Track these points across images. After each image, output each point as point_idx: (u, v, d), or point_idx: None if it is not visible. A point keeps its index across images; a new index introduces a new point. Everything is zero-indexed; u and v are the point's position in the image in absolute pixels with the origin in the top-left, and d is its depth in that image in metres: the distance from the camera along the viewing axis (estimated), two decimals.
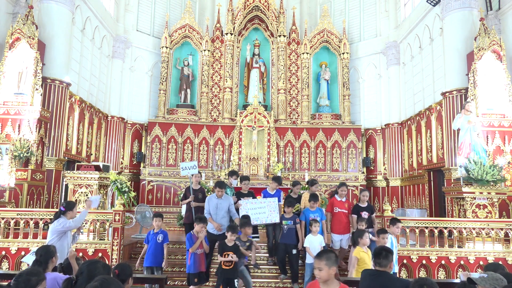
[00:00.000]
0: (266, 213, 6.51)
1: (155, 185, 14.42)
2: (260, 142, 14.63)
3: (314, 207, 6.82)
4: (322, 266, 2.90)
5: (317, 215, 6.69)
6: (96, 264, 2.70)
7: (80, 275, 2.70)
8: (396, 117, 14.92)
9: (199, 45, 15.80)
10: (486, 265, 3.70)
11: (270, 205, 6.57)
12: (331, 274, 2.90)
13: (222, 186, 7.11)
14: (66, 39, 10.96)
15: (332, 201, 7.18)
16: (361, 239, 5.16)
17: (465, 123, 9.06)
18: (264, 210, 6.53)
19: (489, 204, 7.91)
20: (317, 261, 2.94)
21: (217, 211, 6.28)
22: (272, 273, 7.22)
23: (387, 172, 15.05)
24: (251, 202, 6.66)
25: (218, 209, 6.27)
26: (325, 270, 2.88)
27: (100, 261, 2.78)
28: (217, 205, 6.29)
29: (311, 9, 17.39)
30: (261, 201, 6.69)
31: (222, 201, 6.32)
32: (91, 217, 7.08)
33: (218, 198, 6.30)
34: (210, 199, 6.36)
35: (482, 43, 10.00)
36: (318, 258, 2.97)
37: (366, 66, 16.06)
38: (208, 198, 6.41)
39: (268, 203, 6.59)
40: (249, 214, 6.37)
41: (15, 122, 9.51)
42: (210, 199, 6.36)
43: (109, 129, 14.37)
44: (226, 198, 6.41)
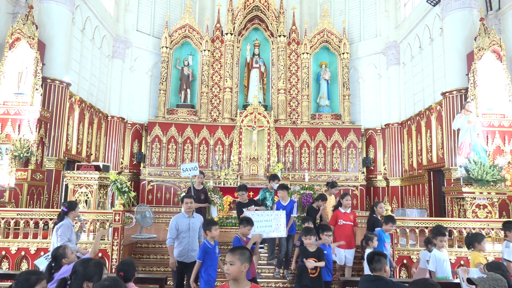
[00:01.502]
0: (273, 227, 6.01)
1: (155, 185, 14.42)
2: (260, 142, 14.63)
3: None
4: (234, 260, 2.67)
5: None
6: (88, 263, 2.71)
7: (73, 274, 2.70)
8: (396, 117, 14.92)
9: (199, 45, 15.80)
10: (486, 264, 3.70)
11: (277, 218, 6.05)
12: (242, 271, 2.67)
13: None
14: (66, 39, 10.96)
15: (336, 214, 6.66)
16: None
17: (465, 123, 9.07)
18: (270, 223, 6.03)
19: (489, 204, 7.91)
20: (230, 255, 2.72)
21: (189, 232, 5.23)
22: (272, 273, 7.21)
23: (387, 172, 15.05)
24: (257, 214, 6.15)
25: (191, 230, 5.26)
26: (236, 266, 2.65)
27: (92, 259, 2.78)
28: (190, 225, 5.26)
29: (311, 9, 17.39)
30: (268, 213, 6.22)
31: (195, 220, 5.35)
32: (91, 217, 7.08)
33: (189, 217, 5.32)
34: (179, 218, 5.30)
35: (482, 43, 10.00)
36: (232, 252, 2.75)
37: (366, 66, 16.06)
38: (176, 217, 5.34)
39: (276, 216, 6.08)
40: (254, 227, 5.68)
41: (15, 122, 9.51)
42: (179, 218, 5.30)
43: (109, 129, 14.37)
44: (198, 217, 5.47)
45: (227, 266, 2.69)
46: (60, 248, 3.63)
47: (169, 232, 5.25)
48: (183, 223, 5.25)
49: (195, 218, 5.37)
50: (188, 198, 5.35)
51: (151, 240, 8.23)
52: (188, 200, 5.31)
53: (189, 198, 5.36)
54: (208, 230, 4.87)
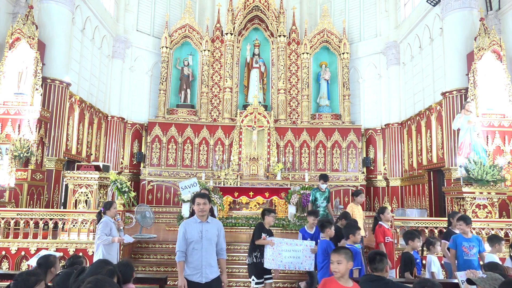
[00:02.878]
0: (301, 258, 5.37)
1: (155, 185, 14.42)
2: (260, 142, 14.64)
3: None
4: (341, 259, 2.91)
5: None
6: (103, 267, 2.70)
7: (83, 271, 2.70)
8: (396, 117, 14.92)
9: (199, 45, 15.80)
10: (484, 264, 3.71)
11: (306, 249, 5.36)
12: (348, 268, 2.93)
13: (326, 178, 6.57)
14: (66, 39, 10.96)
15: (383, 230, 5.87)
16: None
17: (465, 123, 9.06)
18: (299, 254, 5.37)
19: (489, 204, 7.90)
20: (336, 254, 2.97)
21: (202, 243, 3.94)
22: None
23: (387, 172, 15.05)
24: (286, 242, 5.45)
25: (205, 239, 3.96)
26: (343, 264, 2.90)
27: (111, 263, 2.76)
28: (202, 233, 3.97)
29: (311, 9, 17.40)
30: (298, 243, 5.51)
31: (210, 226, 4.02)
32: (91, 217, 7.08)
33: (202, 223, 4.00)
34: (188, 224, 4.03)
35: (482, 43, 9.99)
36: (337, 252, 3.00)
37: (366, 66, 16.06)
38: (184, 223, 4.09)
39: (305, 247, 5.39)
40: (281, 256, 5.33)
41: (15, 122, 9.51)
42: (188, 224, 4.03)
43: (109, 129, 14.37)
44: (214, 222, 4.15)
45: (335, 265, 2.93)
46: (51, 256, 3.61)
47: (177, 243, 3.99)
48: (193, 230, 3.94)
49: (210, 223, 4.01)
50: (200, 197, 4.03)
51: (151, 240, 8.24)
52: (200, 200, 3.98)
53: (202, 197, 4.03)
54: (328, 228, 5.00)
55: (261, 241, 5.38)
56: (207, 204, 4.01)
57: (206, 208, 3.98)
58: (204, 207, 3.97)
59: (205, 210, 3.98)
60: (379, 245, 5.74)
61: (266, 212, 5.62)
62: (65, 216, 7.20)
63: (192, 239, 3.92)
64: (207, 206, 4.01)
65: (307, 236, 5.91)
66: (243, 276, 7.08)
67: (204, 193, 4.40)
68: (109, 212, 5.65)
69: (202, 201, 3.99)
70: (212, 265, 3.94)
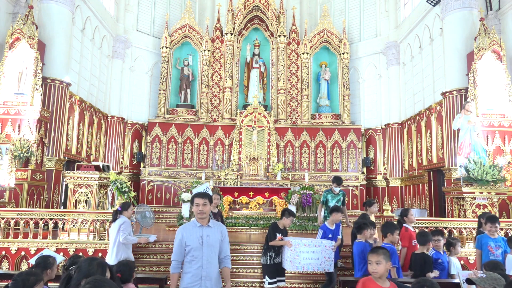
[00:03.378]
0: (320, 259, 5.11)
1: (155, 185, 14.42)
2: (260, 142, 14.64)
3: None
4: (380, 259, 2.91)
5: None
6: (93, 261, 2.71)
7: (77, 269, 2.71)
8: (396, 117, 14.92)
9: (199, 45, 15.80)
10: (484, 263, 3.70)
11: (325, 250, 5.13)
12: (387, 269, 2.93)
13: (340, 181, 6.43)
14: (66, 39, 10.96)
15: (410, 234, 5.50)
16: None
17: (465, 123, 9.07)
18: (318, 255, 5.11)
19: (489, 204, 7.91)
20: (375, 255, 2.97)
21: (202, 250, 3.42)
22: None
23: (387, 172, 15.05)
24: (303, 243, 5.18)
25: (206, 246, 3.44)
26: (383, 264, 2.90)
27: (98, 258, 2.78)
28: (203, 239, 3.45)
29: (311, 9, 17.40)
30: (316, 243, 5.25)
31: (212, 231, 3.52)
32: (91, 217, 7.08)
33: (203, 226, 3.51)
34: (186, 229, 3.53)
35: (482, 43, 10.00)
36: (375, 252, 3.00)
37: (366, 66, 16.06)
38: (182, 228, 3.57)
39: (324, 248, 5.14)
40: (299, 258, 5.13)
41: (15, 122, 9.51)
42: (187, 229, 3.53)
43: (109, 129, 14.37)
44: (217, 225, 3.62)
45: (373, 265, 2.93)
46: (50, 258, 3.61)
47: (173, 252, 3.48)
48: (192, 235, 3.42)
49: (211, 227, 3.49)
50: (200, 197, 3.49)
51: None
52: (200, 201, 3.46)
53: (202, 197, 3.50)
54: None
55: (277, 241, 5.21)
56: (208, 205, 3.48)
57: (206, 209, 3.46)
58: (204, 208, 3.44)
59: (206, 212, 3.46)
60: (402, 249, 5.39)
61: (286, 213, 5.42)
62: (65, 216, 7.20)
63: (191, 246, 3.40)
64: (208, 208, 3.48)
65: (328, 232, 5.73)
66: (243, 276, 7.09)
67: (205, 192, 3.81)
68: (126, 212, 5.84)
69: (202, 201, 3.45)
70: (213, 277, 3.40)
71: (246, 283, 6.91)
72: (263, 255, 5.49)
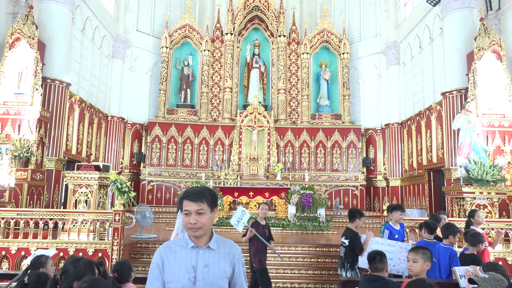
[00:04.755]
0: (393, 260, 4.72)
1: (155, 185, 14.42)
2: (260, 142, 14.64)
3: None
4: (417, 258, 2.95)
5: None
6: (78, 262, 2.72)
7: (64, 273, 2.71)
8: (396, 117, 14.92)
9: (199, 45, 15.80)
10: (484, 264, 3.69)
11: (399, 252, 4.68)
12: (424, 269, 2.95)
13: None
14: (66, 39, 10.96)
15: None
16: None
17: (465, 123, 9.07)
18: (391, 255, 4.67)
19: (489, 204, 7.91)
20: (413, 253, 3.02)
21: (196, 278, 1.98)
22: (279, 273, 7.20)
23: (387, 172, 15.06)
24: (376, 241, 4.85)
25: (199, 280, 1.97)
26: (419, 263, 2.94)
27: (83, 258, 2.79)
28: (196, 270, 1.99)
29: (311, 9, 17.40)
30: (390, 243, 4.86)
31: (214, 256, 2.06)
32: (91, 217, 7.08)
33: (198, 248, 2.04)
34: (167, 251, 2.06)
35: (482, 43, 9.99)
36: (414, 250, 3.04)
37: (366, 66, 16.06)
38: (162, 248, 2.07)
39: (399, 249, 4.72)
40: None
41: (15, 122, 9.50)
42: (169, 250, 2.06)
43: (109, 129, 14.37)
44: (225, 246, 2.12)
45: (410, 263, 2.98)
46: (42, 257, 3.62)
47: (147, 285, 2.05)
48: (178, 264, 2.03)
49: (215, 251, 2.08)
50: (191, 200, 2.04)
51: (151, 240, 8.23)
52: (192, 206, 2.03)
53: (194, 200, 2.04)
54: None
55: (365, 243, 4.86)
56: (207, 214, 2.02)
57: (203, 221, 2.00)
58: (199, 219, 1.99)
59: (202, 225, 2.00)
60: None
61: (357, 214, 5.10)
62: (65, 216, 7.19)
63: (176, 280, 1.97)
64: (207, 218, 2.01)
65: (395, 233, 5.27)
66: None
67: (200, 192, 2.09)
68: None
69: (195, 207, 2.00)
70: None
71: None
72: (350, 270, 4.95)
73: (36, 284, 2.80)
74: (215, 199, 2.11)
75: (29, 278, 2.83)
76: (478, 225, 5.51)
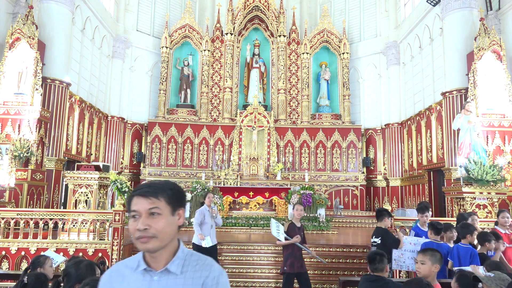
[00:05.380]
0: None
1: None
2: (260, 142, 14.63)
3: None
4: (425, 260, 2.90)
5: None
6: (79, 265, 2.73)
7: (66, 276, 2.72)
8: (396, 117, 14.92)
9: (199, 45, 15.80)
10: (486, 263, 3.69)
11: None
12: (432, 271, 2.91)
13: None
14: (66, 39, 10.96)
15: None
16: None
17: (465, 123, 9.07)
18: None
19: (489, 204, 7.91)
20: (421, 254, 2.98)
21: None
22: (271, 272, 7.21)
23: (387, 172, 15.05)
24: (409, 242, 4.83)
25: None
26: (427, 265, 2.90)
27: (84, 260, 2.81)
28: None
29: (311, 9, 17.40)
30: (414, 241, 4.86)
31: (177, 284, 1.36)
32: (91, 217, 7.08)
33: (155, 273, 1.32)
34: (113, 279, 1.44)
35: (482, 43, 9.99)
36: (422, 252, 3.01)
37: (366, 66, 16.06)
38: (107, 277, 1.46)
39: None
40: (404, 257, 4.75)
41: (15, 122, 9.50)
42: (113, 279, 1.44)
43: (109, 129, 14.37)
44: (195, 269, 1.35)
45: (418, 264, 2.94)
46: (41, 257, 3.62)
47: None
48: None
49: (177, 276, 1.41)
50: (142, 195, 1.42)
51: None
52: (140, 207, 1.40)
53: (145, 195, 1.42)
54: None
55: (402, 242, 4.85)
56: (164, 216, 1.42)
57: (158, 225, 1.40)
58: (151, 222, 1.40)
59: (156, 231, 1.40)
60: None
61: (385, 213, 5.09)
62: (65, 216, 7.19)
63: None
64: (163, 222, 1.41)
65: (422, 235, 5.16)
66: (243, 276, 7.08)
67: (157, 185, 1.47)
68: (205, 201, 6.37)
69: (145, 205, 1.42)
70: None
71: (247, 282, 6.91)
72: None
73: (36, 285, 2.81)
74: (180, 196, 1.48)
75: (28, 278, 2.83)
76: (503, 226, 5.40)
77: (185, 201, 1.55)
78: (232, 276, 6.98)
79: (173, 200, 1.45)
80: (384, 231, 5.01)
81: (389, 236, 4.93)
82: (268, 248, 7.70)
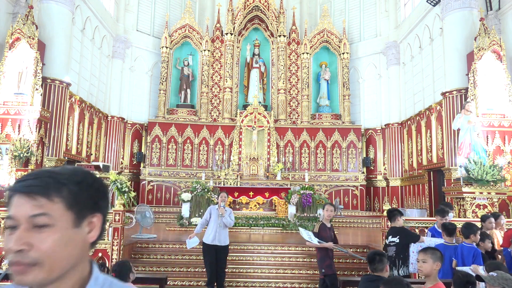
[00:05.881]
0: None
1: (155, 185, 14.42)
2: (260, 142, 14.63)
3: None
4: (426, 258, 2.94)
5: None
6: None
7: None
8: (396, 117, 14.92)
9: (199, 45, 15.80)
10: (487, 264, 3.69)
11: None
12: (434, 269, 2.94)
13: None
14: (66, 39, 10.96)
15: (510, 234, 5.14)
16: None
17: (465, 123, 9.06)
18: None
19: (489, 204, 7.91)
20: (422, 253, 3.02)
21: None
22: (272, 272, 7.21)
23: (387, 172, 15.05)
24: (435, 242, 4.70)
25: None
26: (429, 264, 2.93)
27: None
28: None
29: (311, 9, 17.40)
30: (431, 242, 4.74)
31: None
32: None
33: None
34: None
35: (482, 43, 9.99)
36: (423, 251, 3.04)
37: (366, 66, 16.06)
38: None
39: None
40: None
41: (15, 122, 9.50)
42: None
43: (109, 129, 14.37)
44: None
45: (419, 263, 2.97)
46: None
47: None
48: None
49: None
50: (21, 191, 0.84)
51: (151, 240, 8.23)
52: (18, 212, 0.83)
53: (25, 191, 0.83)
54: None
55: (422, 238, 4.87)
56: (57, 227, 0.83)
57: (45, 245, 0.81)
58: (32, 239, 0.81)
59: (40, 255, 0.81)
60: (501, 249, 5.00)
61: (397, 212, 5.06)
62: None
63: None
64: (54, 237, 0.82)
65: (438, 236, 5.09)
66: (243, 276, 7.08)
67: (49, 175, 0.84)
68: (219, 198, 6.43)
69: (27, 209, 0.82)
70: None
71: (247, 282, 6.90)
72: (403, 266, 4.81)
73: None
74: (94, 193, 0.91)
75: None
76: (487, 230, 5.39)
77: (105, 202, 0.94)
78: (232, 276, 6.98)
79: (79, 202, 0.86)
80: (401, 229, 5.00)
81: (407, 232, 4.96)
82: (268, 248, 7.71)
